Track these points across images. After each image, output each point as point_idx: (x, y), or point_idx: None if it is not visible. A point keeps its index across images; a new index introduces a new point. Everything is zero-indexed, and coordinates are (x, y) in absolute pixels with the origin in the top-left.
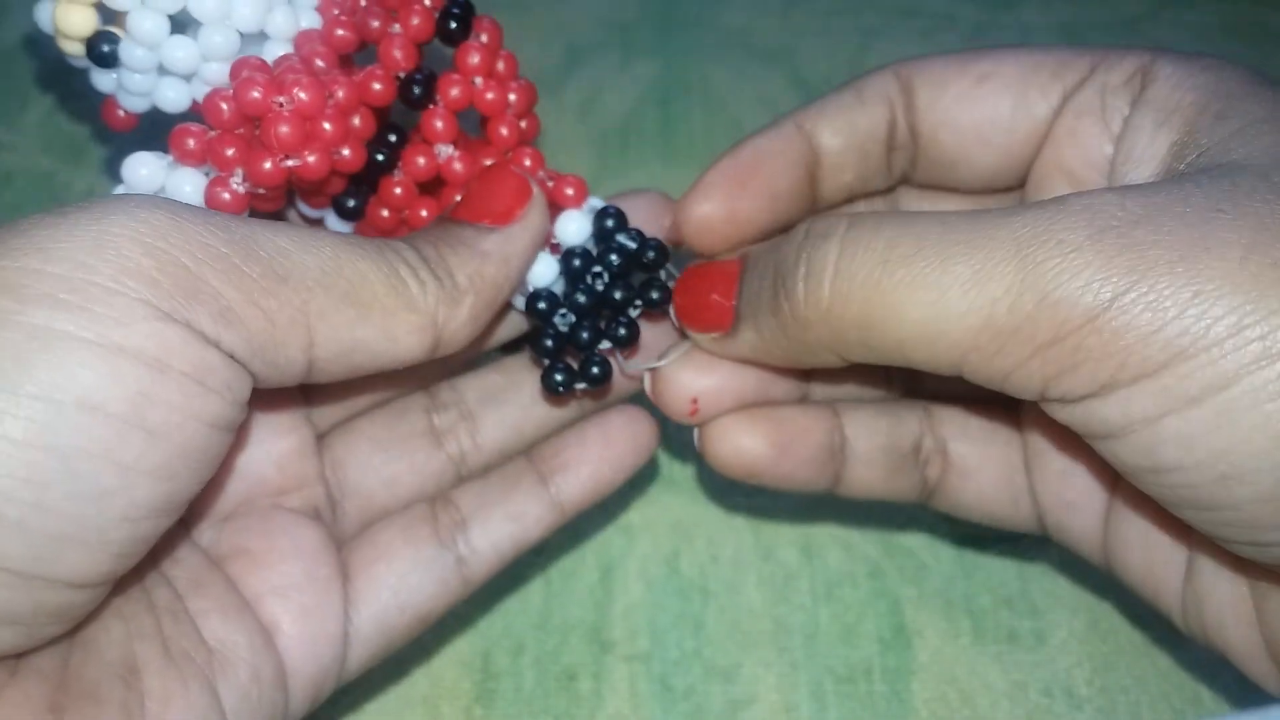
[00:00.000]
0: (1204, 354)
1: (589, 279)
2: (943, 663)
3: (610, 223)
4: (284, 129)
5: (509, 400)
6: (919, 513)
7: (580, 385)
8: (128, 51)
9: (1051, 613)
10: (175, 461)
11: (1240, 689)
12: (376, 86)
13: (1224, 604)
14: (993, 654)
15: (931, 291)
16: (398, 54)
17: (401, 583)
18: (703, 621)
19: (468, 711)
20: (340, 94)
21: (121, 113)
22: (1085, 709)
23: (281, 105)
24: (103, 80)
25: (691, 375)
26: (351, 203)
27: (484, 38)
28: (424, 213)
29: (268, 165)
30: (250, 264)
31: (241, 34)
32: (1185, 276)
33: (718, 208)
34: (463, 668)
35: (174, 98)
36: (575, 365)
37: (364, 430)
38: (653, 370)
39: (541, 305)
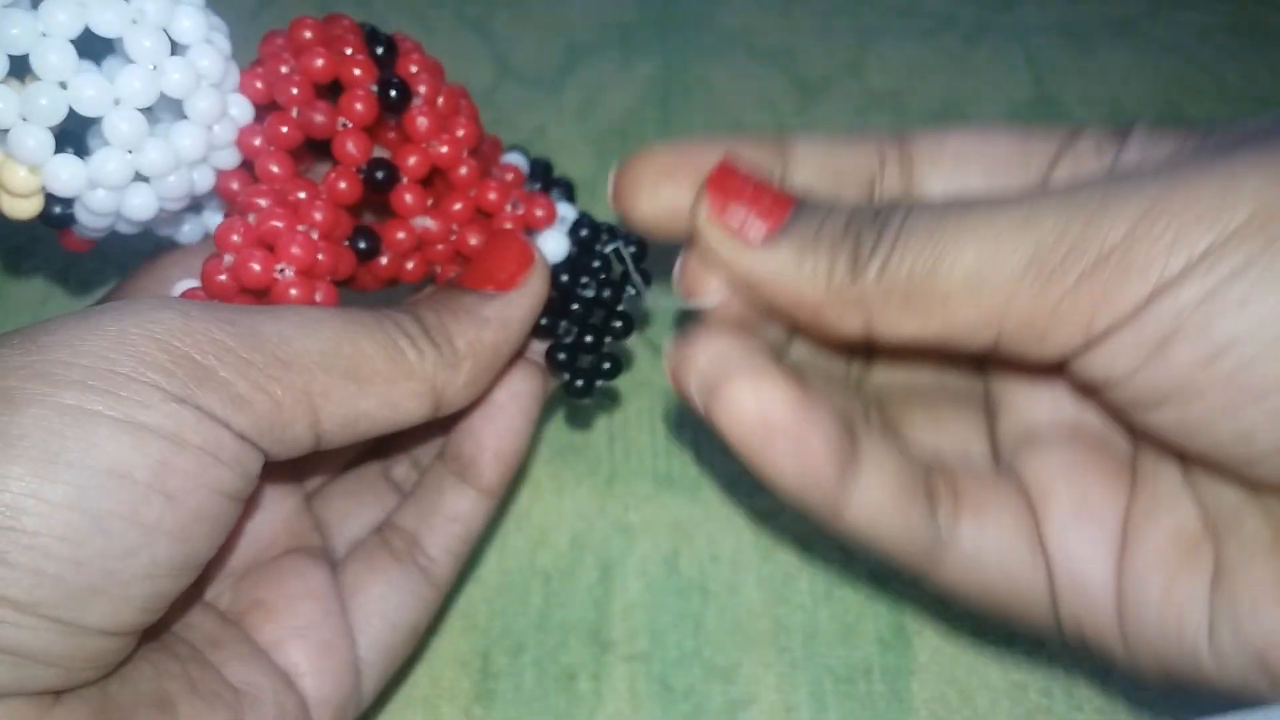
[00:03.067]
0: (1234, 237)
1: (579, 289)
2: (943, 663)
3: (585, 232)
4: (293, 292)
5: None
6: None
7: (599, 383)
8: (82, 211)
9: None
10: (191, 525)
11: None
12: (343, 186)
13: (1259, 585)
14: (993, 654)
15: (987, 235)
16: (352, 148)
17: (384, 605)
18: (702, 621)
19: (467, 711)
20: (318, 216)
21: (79, 238)
22: (1085, 709)
23: (283, 271)
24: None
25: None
26: (363, 244)
27: (414, 69)
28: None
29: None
30: (254, 353)
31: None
32: (1212, 186)
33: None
34: (462, 668)
35: (137, 216)
36: (588, 367)
37: (332, 488)
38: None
39: (543, 322)
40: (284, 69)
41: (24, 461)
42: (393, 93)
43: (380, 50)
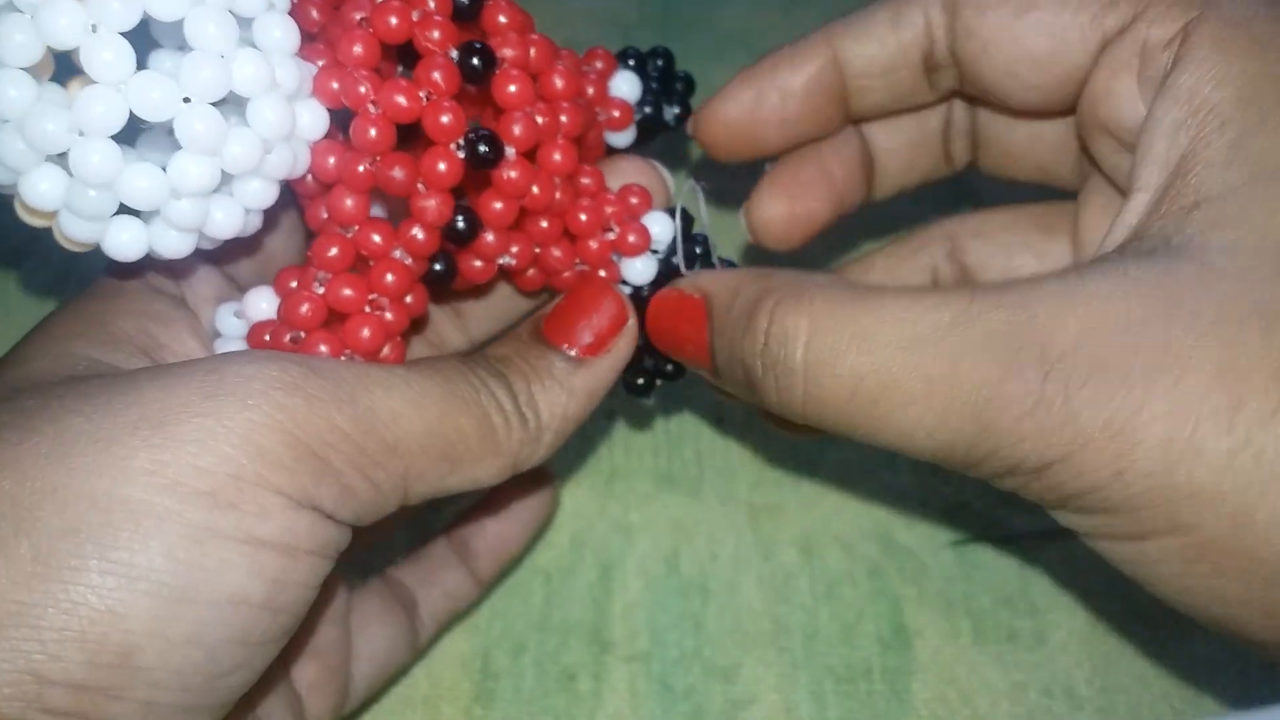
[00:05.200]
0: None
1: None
2: (943, 663)
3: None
4: (365, 332)
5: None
6: (919, 512)
7: (659, 381)
8: (160, 229)
9: (1051, 613)
10: (292, 628)
11: (1240, 689)
12: (419, 236)
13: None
14: (993, 654)
15: (900, 427)
16: (431, 206)
17: (376, 646)
18: (702, 621)
19: (468, 711)
20: (390, 280)
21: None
22: (1085, 709)
23: (350, 356)
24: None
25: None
26: (439, 267)
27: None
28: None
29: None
30: (369, 440)
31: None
32: (1112, 455)
33: (730, 109)
34: (463, 668)
35: (220, 232)
36: (650, 367)
37: None
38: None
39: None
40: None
41: (149, 601)
42: (482, 156)
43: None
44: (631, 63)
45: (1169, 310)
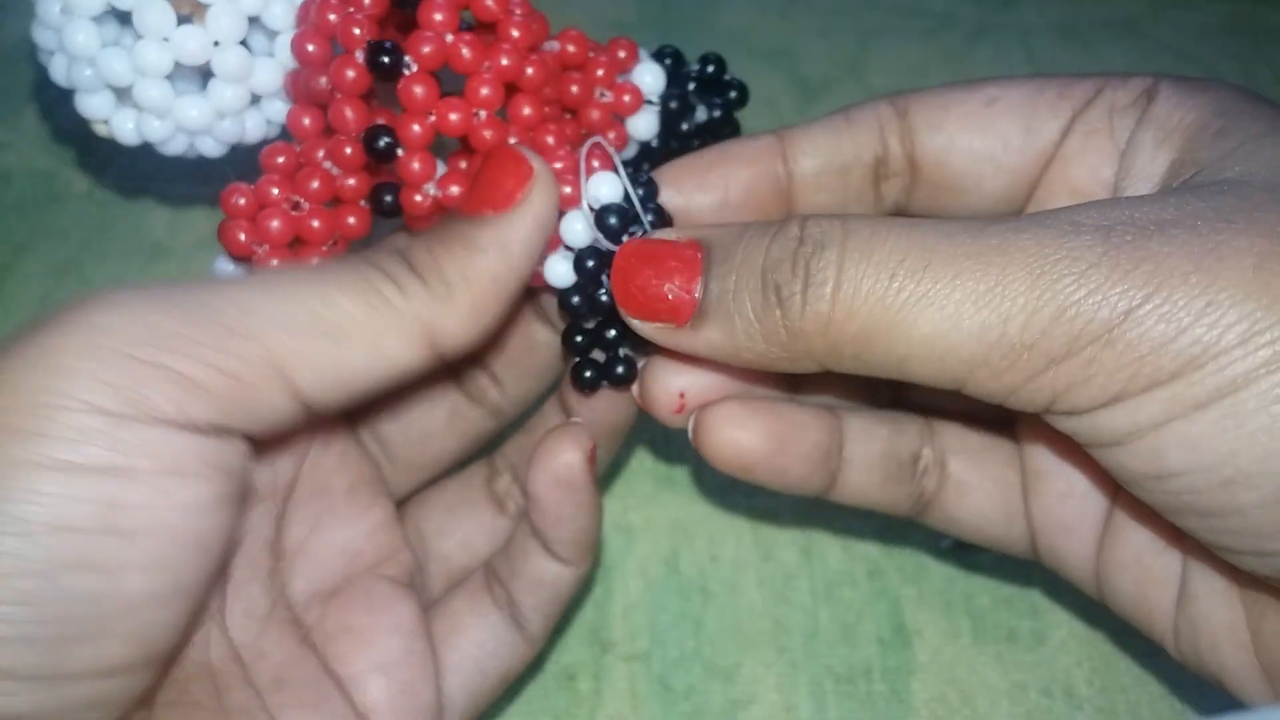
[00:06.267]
0: (1214, 361)
1: (605, 280)
2: (943, 663)
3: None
4: (273, 264)
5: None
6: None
7: (604, 384)
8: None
9: (1051, 612)
10: (167, 552)
11: None
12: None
13: (1219, 626)
14: (993, 654)
15: (944, 308)
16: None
17: (479, 650)
18: (702, 621)
19: None
20: (314, 186)
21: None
22: (1085, 709)
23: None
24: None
25: (674, 371)
26: (389, 198)
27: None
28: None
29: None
30: (205, 332)
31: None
32: (1199, 286)
33: (672, 198)
34: None
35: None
36: (601, 362)
37: (434, 499)
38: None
39: (575, 300)
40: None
41: None
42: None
43: None
44: (668, 61)
45: (1214, 207)
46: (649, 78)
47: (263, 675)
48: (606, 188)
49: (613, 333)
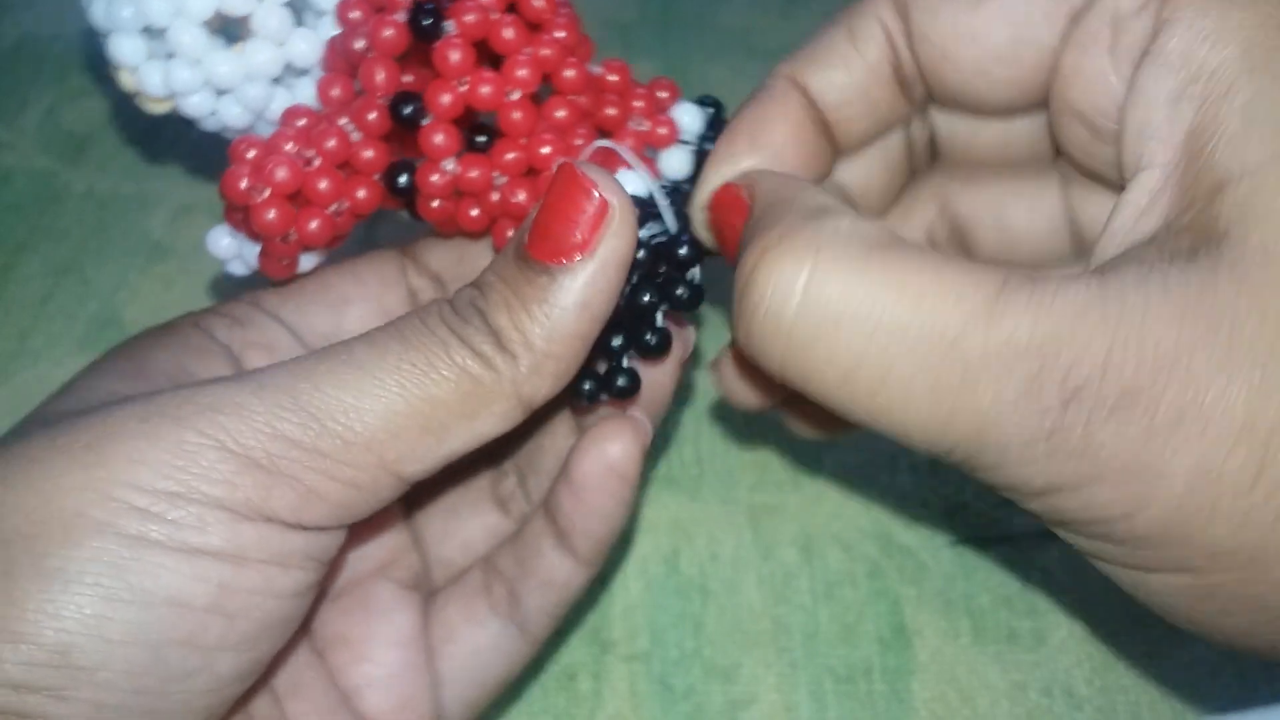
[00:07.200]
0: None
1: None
2: (943, 663)
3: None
4: (270, 214)
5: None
6: (919, 513)
7: (604, 397)
8: (228, 106)
9: (1051, 613)
10: (256, 634)
11: (1240, 689)
12: (371, 116)
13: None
14: (993, 654)
15: (891, 423)
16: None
17: (476, 659)
18: (702, 621)
19: None
20: (331, 144)
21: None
22: (1085, 709)
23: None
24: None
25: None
26: (404, 178)
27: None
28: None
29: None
30: (322, 441)
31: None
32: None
33: (731, 172)
34: None
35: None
36: (602, 374)
37: (440, 500)
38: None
39: None
40: None
41: (83, 600)
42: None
43: None
44: (711, 110)
45: (1204, 335)
46: (687, 118)
47: (283, 682)
48: (631, 184)
49: (617, 341)
